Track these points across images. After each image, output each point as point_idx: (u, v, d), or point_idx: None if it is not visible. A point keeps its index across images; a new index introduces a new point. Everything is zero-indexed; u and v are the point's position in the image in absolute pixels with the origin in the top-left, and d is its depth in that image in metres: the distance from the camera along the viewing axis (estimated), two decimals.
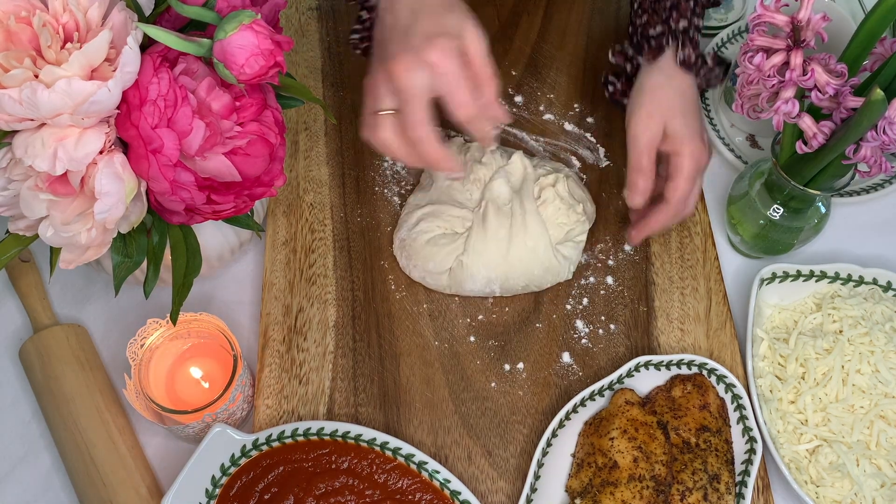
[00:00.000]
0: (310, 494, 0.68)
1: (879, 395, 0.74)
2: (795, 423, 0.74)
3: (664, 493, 0.68)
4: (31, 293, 0.80)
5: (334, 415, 0.75)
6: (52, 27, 0.53)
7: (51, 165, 0.53)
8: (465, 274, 0.77)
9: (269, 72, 0.57)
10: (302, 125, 0.90)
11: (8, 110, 0.52)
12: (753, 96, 0.72)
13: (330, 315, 0.79)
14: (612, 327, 0.80)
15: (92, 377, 0.74)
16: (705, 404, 0.73)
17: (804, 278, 0.80)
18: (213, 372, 0.73)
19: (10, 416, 0.76)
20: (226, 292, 0.82)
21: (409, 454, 0.70)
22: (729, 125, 0.93)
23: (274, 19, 0.62)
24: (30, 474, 0.74)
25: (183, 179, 0.57)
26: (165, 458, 0.74)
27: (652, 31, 0.79)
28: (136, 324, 0.72)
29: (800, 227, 0.80)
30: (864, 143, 0.66)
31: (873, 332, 0.75)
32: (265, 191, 0.64)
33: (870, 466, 0.71)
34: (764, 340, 0.77)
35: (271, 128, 0.62)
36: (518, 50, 0.96)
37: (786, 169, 0.75)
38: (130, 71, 0.54)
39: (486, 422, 0.75)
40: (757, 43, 0.69)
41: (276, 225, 0.84)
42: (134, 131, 0.55)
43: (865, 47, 0.68)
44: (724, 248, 0.87)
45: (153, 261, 0.65)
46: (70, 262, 0.60)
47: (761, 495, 0.72)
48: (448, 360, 0.78)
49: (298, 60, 0.94)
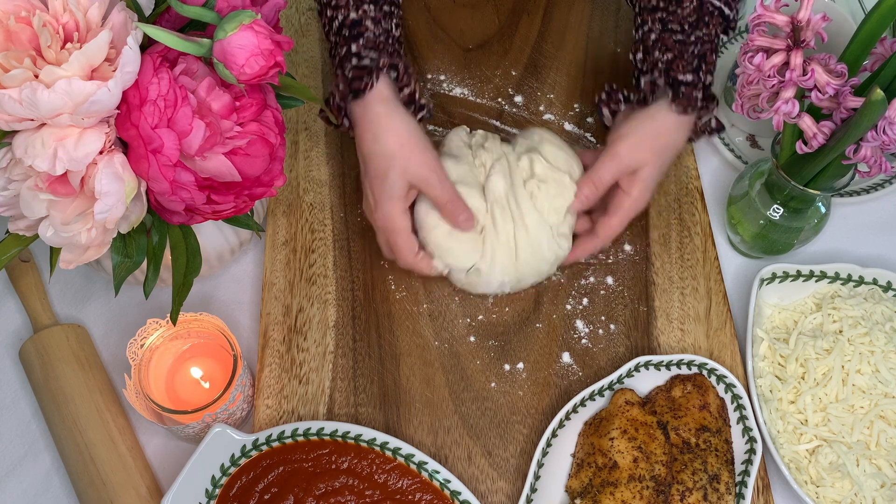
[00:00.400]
0: (310, 494, 0.68)
1: (879, 395, 0.74)
2: (795, 423, 0.74)
3: (664, 494, 0.68)
4: (31, 293, 0.80)
5: (334, 415, 0.75)
6: (52, 27, 0.53)
7: (51, 165, 0.53)
8: (482, 280, 0.78)
9: (269, 72, 0.57)
10: (302, 125, 0.90)
11: (8, 110, 0.52)
12: (753, 96, 0.72)
13: (330, 315, 0.79)
14: (612, 327, 0.80)
15: (92, 377, 0.74)
16: (705, 404, 0.73)
17: (804, 278, 0.80)
18: (213, 372, 0.73)
19: (10, 415, 0.76)
20: (226, 292, 0.82)
21: (409, 454, 0.70)
22: (729, 125, 0.93)
23: (274, 19, 0.62)
24: (30, 474, 0.74)
25: (183, 179, 0.57)
26: (165, 458, 0.74)
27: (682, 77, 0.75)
28: (136, 324, 0.72)
29: (800, 227, 0.80)
30: (864, 143, 0.66)
31: (873, 333, 0.75)
32: (265, 191, 0.64)
33: (870, 466, 0.71)
34: (764, 340, 0.77)
35: (271, 128, 0.62)
36: (518, 50, 0.96)
37: (786, 169, 0.75)
38: (130, 71, 0.54)
39: (486, 422, 0.75)
40: (757, 43, 0.69)
41: (276, 225, 0.84)
42: (134, 131, 0.55)
43: (865, 47, 0.68)
44: (724, 248, 0.87)
45: (153, 261, 0.65)
46: (70, 262, 0.60)
47: (761, 495, 0.72)
48: (448, 360, 0.78)
49: (298, 60, 0.94)
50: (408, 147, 0.72)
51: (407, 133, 0.73)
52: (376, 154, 0.72)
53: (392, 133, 0.72)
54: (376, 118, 0.72)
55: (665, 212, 0.86)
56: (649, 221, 0.86)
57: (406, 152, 0.72)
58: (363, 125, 0.73)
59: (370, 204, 0.75)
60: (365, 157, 0.74)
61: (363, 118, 0.73)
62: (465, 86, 0.93)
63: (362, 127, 0.73)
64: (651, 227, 0.85)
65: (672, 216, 0.86)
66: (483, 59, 0.95)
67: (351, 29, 0.74)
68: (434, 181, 0.73)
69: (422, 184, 0.73)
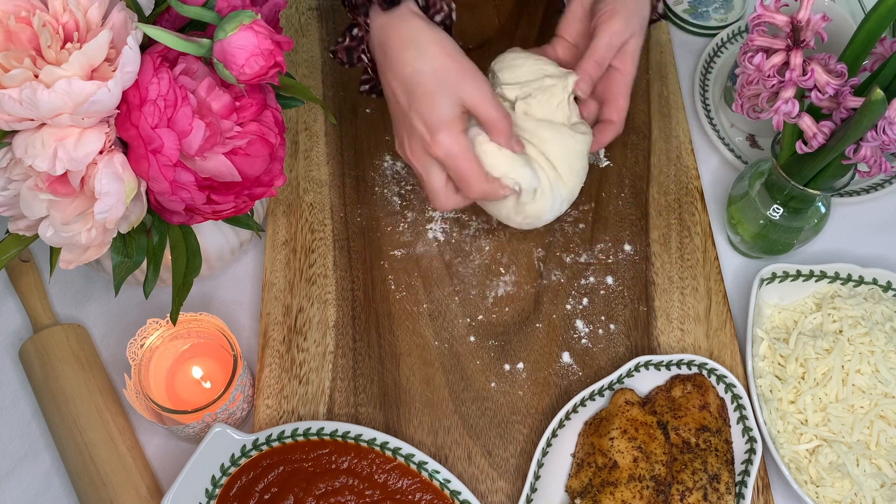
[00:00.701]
0: (310, 494, 0.68)
1: (879, 395, 0.74)
2: (795, 423, 0.74)
3: (664, 493, 0.68)
4: (31, 293, 0.80)
5: (334, 415, 0.75)
6: (52, 27, 0.53)
7: (51, 165, 0.53)
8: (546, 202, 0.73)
9: (269, 72, 0.57)
10: (302, 125, 0.90)
11: (8, 110, 0.52)
12: (753, 96, 0.72)
13: (330, 315, 0.79)
14: (612, 327, 0.80)
15: (92, 377, 0.74)
16: (705, 404, 0.73)
17: (804, 278, 0.80)
18: (213, 372, 0.73)
19: (10, 415, 0.76)
20: (226, 292, 0.82)
21: (409, 454, 0.70)
22: (729, 125, 0.93)
23: (274, 19, 0.62)
24: (30, 474, 0.74)
25: (183, 179, 0.57)
26: (165, 458, 0.74)
27: None
28: (136, 324, 0.72)
29: (800, 227, 0.80)
30: (864, 143, 0.66)
31: (873, 332, 0.75)
32: (265, 191, 0.64)
33: (870, 466, 0.71)
34: (764, 340, 0.77)
35: (271, 128, 0.62)
36: None
37: (786, 169, 0.75)
38: (130, 71, 0.54)
39: (486, 422, 0.75)
40: (757, 43, 0.69)
41: (276, 225, 0.84)
42: (134, 131, 0.55)
43: (865, 47, 0.68)
44: (724, 248, 0.87)
45: (153, 261, 0.65)
46: (70, 262, 0.60)
47: (761, 495, 0.72)
48: (448, 360, 0.78)
49: (298, 60, 0.94)
50: (457, 61, 0.65)
51: (452, 47, 0.65)
52: (422, 72, 0.63)
53: (438, 46, 0.64)
54: (417, 32, 0.64)
55: (665, 212, 0.86)
56: (649, 221, 0.86)
57: (455, 67, 0.64)
58: (399, 42, 0.64)
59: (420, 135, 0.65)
60: (406, 79, 0.64)
61: (398, 33, 0.64)
62: None
63: (398, 44, 0.64)
64: (651, 227, 0.85)
65: (672, 216, 0.86)
66: (483, 59, 0.95)
67: None
68: (490, 99, 0.65)
69: (477, 103, 0.65)
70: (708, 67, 0.95)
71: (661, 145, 0.90)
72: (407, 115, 0.65)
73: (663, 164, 0.89)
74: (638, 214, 0.86)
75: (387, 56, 0.66)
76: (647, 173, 0.88)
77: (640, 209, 0.86)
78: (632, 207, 0.86)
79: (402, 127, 0.67)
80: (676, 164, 0.89)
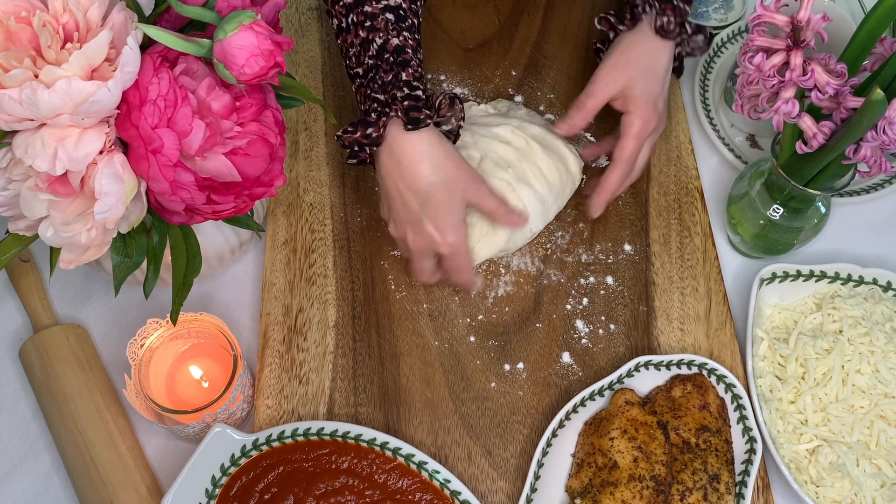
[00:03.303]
0: (310, 494, 0.68)
1: (879, 395, 0.74)
2: (795, 423, 0.74)
3: (664, 493, 0.68)
4: (31, 293, 0.80)
5: (334, 415, 0.75)
6: (52, 27, 0.53)
7: (51, 165, 0.53)
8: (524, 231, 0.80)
9: (269, 72, 0.57)
10: (302, 125, 0.90)
11: (8, 110, 0.52)
12: (753, 96, 0.72)
13: (330, 315, 0.79)
14: (612, 327, 0.80)
15: (92, 377, 0.74)
16: (705, 404, 0.73)
17: (804, 278, 0.80)
18: (213, 372, 0.73)
19: (10, 415, 0.76)
20: (226, 292, 0.82)
21: (409, 454, 0.70)
22: (729, 125, 0.93)
23: (274, 19, 0.62)
24: (30, 474, 0.74)
25: (183, 179, 0.57)
26: (165, 458, 0.74)
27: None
28: (136, 324, 0.72)
29: (800, 227, 0.80)
30: (864, 143, 0.66)
31: (873, 332, 0.75)
32: (265, 191, 0.64)
33: (870, 466, 0.71)
34: (764, 340, 0.77)
35: (271, 128, 0.62)
36: (518, 50, 0.96)
37: (786, 169, 0.75)
38: (130, 71, 0.54)
39: (486, 422, 0.75)
40: (757, 43, 0.69)
41: (276, 225, 0.84)
42: (134, 131, 0.55)
43: (865, 47, 0.68)
44: (724, 248, 0.87)
45: (153, 261, 0.65)
46: (70, 262, 0.60)
47: (761, 495, 0.72)
48: (448, 360, 0.78)
49: (298, 60, 0.94)
50: (462, 171, 0.71)
51: (459, 157, 0.72)
52: (436, 185, 0.69)
53: (450, 161, 0.70)
54: (431, 147, 0.70)
55: (665, 212, 0.86)
56: (649, 221, 0.86)
57: (462, 175, 0.71)
58: (416, 156, 0.69)
59: (429, 235, 0.71)
60: (421, 191, 0.70)
61: (415, 148, 0.70)
62: (465, 86, 0.93)
63: (414, 158, 0.69)
64: (651, 227, 0.85)
65: (672, 216, 0.86)
66: (483, 59, 0.95)
67: (396, 55, 0.71)
68: (486, 195, 0.73)
69: (478, 202, 0.73)
70: (708, 67, 0.95)
71: (661, 145, 0.90)
72: (419, 218, 0.71)
73: (663, 164, 0.89)
74: (638, 214, 0.86)
75: (401, 166, 0.70)
76: (647, 173, 0.88)
77: (640, 209, 0.86)
78: (632, 207, 0.86)
79: (408, 224, 0.72)
80: (676, 163, 0.89)
